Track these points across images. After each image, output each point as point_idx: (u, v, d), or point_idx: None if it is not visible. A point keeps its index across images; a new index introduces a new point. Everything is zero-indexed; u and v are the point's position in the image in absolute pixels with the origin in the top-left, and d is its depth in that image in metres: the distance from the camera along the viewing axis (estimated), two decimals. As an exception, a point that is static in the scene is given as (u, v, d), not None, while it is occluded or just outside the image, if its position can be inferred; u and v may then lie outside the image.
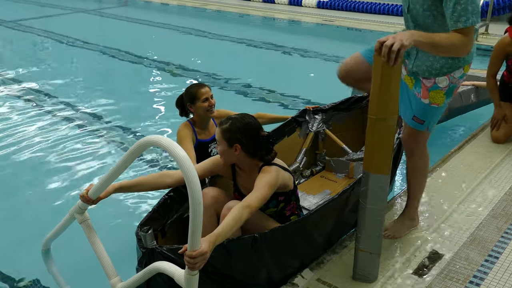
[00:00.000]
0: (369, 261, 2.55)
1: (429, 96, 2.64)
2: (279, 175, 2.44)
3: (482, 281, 2.61)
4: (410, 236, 3.01)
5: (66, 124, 5.30)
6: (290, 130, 3.67)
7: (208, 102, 3.24)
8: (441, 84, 2.60)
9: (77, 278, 2.87)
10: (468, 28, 2.28)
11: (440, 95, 2.63)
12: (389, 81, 2.22)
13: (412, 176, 2.95)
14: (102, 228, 2.77)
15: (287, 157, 3.49)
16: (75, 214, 2.53)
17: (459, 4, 2.25)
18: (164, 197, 2.60)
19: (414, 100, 2.72)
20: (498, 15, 10.55)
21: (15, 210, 3.65)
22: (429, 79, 2.61)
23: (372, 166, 2.37)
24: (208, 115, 3.28)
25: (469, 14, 2.26)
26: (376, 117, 2.28)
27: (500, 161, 4.03)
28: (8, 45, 9.65)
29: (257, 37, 10.00)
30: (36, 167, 4.29)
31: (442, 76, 2.58)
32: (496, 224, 3.14)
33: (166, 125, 5.38)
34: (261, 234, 2.33)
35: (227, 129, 2.43)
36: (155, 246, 2.17)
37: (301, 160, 3.72)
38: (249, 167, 2.53)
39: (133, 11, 14.11)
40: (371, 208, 2.42)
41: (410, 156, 2.87)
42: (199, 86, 3.29)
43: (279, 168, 2.48)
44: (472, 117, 5.19)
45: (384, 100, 2.25)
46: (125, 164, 2.13)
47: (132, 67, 8.00)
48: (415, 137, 2.79)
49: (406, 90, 2.75)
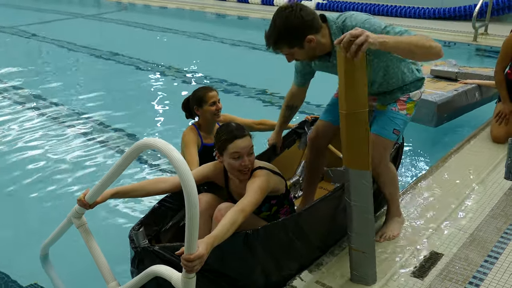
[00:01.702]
0: (363, 261, 2.54)
1: (406, 108, 2.84)
2: (270, 179, 2.46)
3: (481, 282, 2.60)
4: (409, 237, 3.00)
5: (65, 128, 5.30)
6: (290, 142, 3.67)
7: (215, 106, 3.23)
8: (414, 98, 2.87)
9: (75, 283, 2.87)
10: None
11: (412, 105, 2.87)
12: (352, 75, 2.23)
13: (385, 184, 2.98)
14: (100, 232, 2.76)
15: (287, 170, 3.49)
16: (72, 218, 2.52)
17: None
18: (157, 204, 2.60)
19: (392, 114, 2.82)
20: (497, 15, 10.55)
21: (13, 215, 3.64)
22: (404, 95, 2.84)
23: (351, 162, 2.39)
24: (214, 119, 3.28)
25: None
26: (346, 112, 2.29)
27: (500, 160, 4.02)
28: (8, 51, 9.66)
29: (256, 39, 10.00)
30: (35, 172, 4.28)
31: (415, 91, 2.85)
32: (495, 225, 3.13)
33: (167, 129, 5.38)
34: (253, 231, 2.33)
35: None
36: (147, 245, 2.17)
37: (301, 173, 3.71)
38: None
39: (132, 16, 14.12)
40: (356, 205, 2.43)
41: (379, 165, 2.86)
42: (206, 89, 3.28)
43: (270, 172, 2.50)
44: (472, 117, 5.19)
45: (351, 94, 2.26)
46: (121, 167, 2.12)
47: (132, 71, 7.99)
48: (387, 148, 2.87)
49: (384, 112, 2.87)
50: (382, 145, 2.82)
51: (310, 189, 3.26)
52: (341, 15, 2.62)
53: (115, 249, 2.84)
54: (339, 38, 2.18)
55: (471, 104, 5.06)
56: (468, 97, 4.98)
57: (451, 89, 4.91)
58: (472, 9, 10.46)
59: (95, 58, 8.84)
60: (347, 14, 2.60)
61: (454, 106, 4.83)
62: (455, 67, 5.44)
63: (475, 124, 4.97)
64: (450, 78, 5.27)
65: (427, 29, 10.10)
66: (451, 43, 9.29)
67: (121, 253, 2.66)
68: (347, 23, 2.54)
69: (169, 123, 5.50)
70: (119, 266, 2.49)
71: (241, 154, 2.40)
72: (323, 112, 3.16)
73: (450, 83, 5.16)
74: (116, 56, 8.80)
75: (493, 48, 8.31)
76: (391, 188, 3.01)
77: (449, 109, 4.78)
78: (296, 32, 2.46)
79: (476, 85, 5.07)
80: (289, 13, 2.43)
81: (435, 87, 4.98)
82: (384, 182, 2.96)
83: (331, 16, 2.60)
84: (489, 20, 9.50)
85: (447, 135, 4.97)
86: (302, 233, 2.62)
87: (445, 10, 11.26)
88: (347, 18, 2.57)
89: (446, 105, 4.71)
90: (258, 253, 2.41)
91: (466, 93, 4.94)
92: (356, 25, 2.48)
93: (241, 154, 2.40)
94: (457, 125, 5.07)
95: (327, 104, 3.18)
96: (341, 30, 2.55)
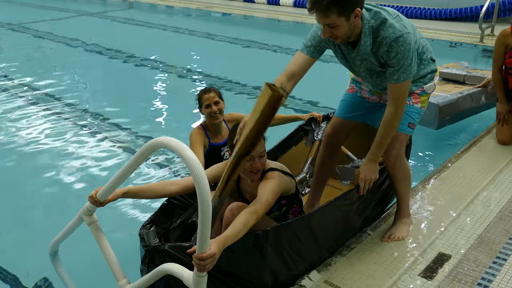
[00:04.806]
0: None
1: (420, 101, 2.86)
2: (282, 181, 2.47)
3: (490, 283, 2.60)
4: (417, 238, 3.01)
5: (74, 126, 5.32)
6: (298, 139, 3.68)
7: (210, 108, 3.21)
8: (429, 90, 2.90)
9: (85, 280, 2.88)
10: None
11: (426, 98, 2.90)
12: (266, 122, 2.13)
13: (399, 181, 2.99)
14: (111, 230, 2.78)
15: (294, 167, 3.49)
16: (83, 216, 2.53)
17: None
18: (166, 202, 2.62)
19: (407, 108, 2.79)
20: (504, 16, 10.52)
21: (23, 212, 3.66)
22: (418, 88, 2.85)
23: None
24: (212, 121, 3.26)
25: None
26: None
27: (506, 163, 4.02)
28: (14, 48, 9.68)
29: (262, 38, 10.01)
30: (44, 170, 4.30)
31: (429, 83, 2.88)
32: (503, 226, 3.12)
33: (174, 128, 5.39)
34: (263, 232, 2.34)
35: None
36: (158, 244, 2.18)
37: (308, 170, 3.71)
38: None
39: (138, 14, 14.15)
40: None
41: (395, 160, 2.88)
42: (204, 91, 3.27)
43: (281, 174, 2.50)
44: (478, 119, 5.18)
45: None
46: (134, 165, 2.13)
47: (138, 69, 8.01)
48: (403, 142, 2.89)
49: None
50: (399, 140, 2.82)
51: (318, 187, 3.24)
52: (376, 13, 2.54)
53: (125, 247, 2.86)
54: (361, 188, 2.83)
55: (476, 107, 5.01)
56: (473, 100, 4.94)
57: (456, 92, 4.89)
58: (478, 10, 10.46)
59: (100, 55, 8.86)
60: (382, 16, 2.53)
61: (457, 109, 4.79)
62: (464, 69, 5.42)
63: (480, 126, 4.97)
64: (458, 80, 5.26)
65: (433, 30, 10.09)
66: (457, 44, 9.28)
67: (131, 251, 2.68)
68: (380, 32, 2.52)
69: (177, 121, 5.51)
70: (129, 264, 2.50)
71: (252, 156, 2.38)
72: (338, 108, 3.14)
73: (457, 85, 5.13)
74: (121, 54, 8.82)
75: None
76: (405, 185, 3.02)
77: (451, 112, 4.75)
78: (351, 0, 2.41)
79: (483, 89, 5.03)
80: None
81: (442, 89, 4.96)
82: (399, 178, 2.96)
83: (366, 12, 2.53)
84: (495, 21, 9.49)
85: (453, 137, 4.96)
86: (312, 235, 2.63)
87: (452, 11, 11.24)
88: (381, 25, 2.52)
89: (449, 107, 4.68)
90: (268, 254, 2.41)
91: (471, 96, 4.90)
92: (386, 44, 2.51)
93: (252, 156, 2.39)
94: (462, 127, 5.06)
95: (341, 100, 3.15)
96: (373, 32, 2.54)
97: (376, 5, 2.62)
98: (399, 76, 2.56)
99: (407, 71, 2.56)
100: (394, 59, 2.53)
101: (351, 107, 3.08)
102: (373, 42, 2.56)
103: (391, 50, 2.51)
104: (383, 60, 2.60)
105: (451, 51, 8.92)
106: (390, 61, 2.55)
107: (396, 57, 2.52)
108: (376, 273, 2.70)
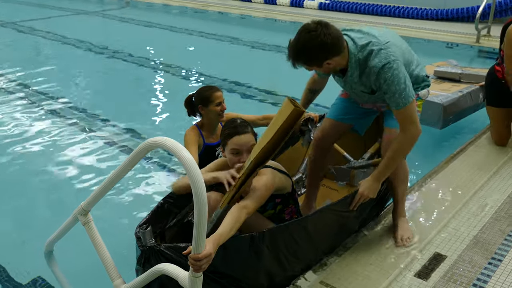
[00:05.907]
0: None
1: (416, 105, 2.85)
2: (275, 177, 2.46)
3: (485, 284, 2.60)
4: (413, 239, 3.01)
5: (70, 126, 5.30)
6: (294, 139, 3.67)
7: (221, 106, 3.24)
8: (424, 97, 2.98)
9: (80, 280, 2.87)
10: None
11: (421, 104, 2.96)
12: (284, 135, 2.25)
13: (398, 181, 3.01)
14: (106, 229, 2.77)
15: (291, 167, 3.48)
16: (78, 216, 2.52)
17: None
18: (161, 201, 2.61)
19: None
20: (500, 17, 10.55)
21: (18, 211, 3.64)
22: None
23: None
24: (218, 119, 3.28)
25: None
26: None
27: (503, 163, 4.03)
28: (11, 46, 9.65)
29: (259, 38, 10.01)
30: (39, 169, 4.28)
31: (424, 90, 2.94)
32: (499, 227, 3.13)
33: (169, 127, 5.36)
34: (259, 233, 2.34)
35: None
36: (154, 244, 2.17)
37: (304, 170, 3.71)
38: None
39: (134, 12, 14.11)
40: None
41: None
42: (213, 89, 3.27)
43: (274, 170, 2.49)
44: (475, 119, 5.19)
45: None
46: (130, 165, 2.13)
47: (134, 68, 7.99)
48: None
49: None
50: None
51: (312, 187, 3.26)
52: (363, 47, 2.59)
53: (120, 246, 2.85)
54: (355, 202, 2.78)
55: (475, 105, 5.06)
56: (473, 98, 4.97)
57: (455, 90, 4.91)
58: (475, 11, 10.49)
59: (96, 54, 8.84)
60: (368, 49, 2.58)
61: (460, 108, 4.82)
62: (457, 67, 5.44)
63: (476, 126, 4.98)
64: (454, 79, 5.27)
65: (429, 31, 10.11)
66: (453, 45, 9.30)
67: (126, 251, 2.67)
68: (367, 63, 2.59)
69: (173, 121, 5.49)
70: (124, 263, 2.49)
71: (240, 150, 2.38)
72: (330, 110, 3.17)
73: (454, 84, 5.15)
74: (117, 53, 8.80)
75: (495, 50, 8.29)
76: (404, 185, 3.05)
77: (455, 111, 4.77)
78: (316, 56, 2.51)
79: (480, 86, 5.05)
80: (313, 35, 2.44)
81: (440, 88, 4.98)
82: (398, 178, 2.98)
83: (353, 46, 2.60)
84: (492, 22, 9.51)
85: (450, 137, 4.97)
86: (309, 238, 2.63)
87: (448, 12, 11.27)
88: (368, 56, 2.58)
89: (452, 106, 4.70)
90: (264, 256, 2.40)
91: (471, 94, 4.94)
92: (374, 73, 2.58)
93: (240, 151, 2.39)
94: (459, 127, 5.08)
95: (333, 104, 3.19)
96: (360, 65, 2.62)
97: (367, 30, 2.68)
98: (398, 103, 2.59)
99: (404, 96, 2.57)
100: (385, 85, 2.58)
101: (343, 110, 3.11)
102: (362, 73, 2.65)
103: (379, 77, 2.58)
104: (376, 88, 2.67)
105: (447, 51, 8.94)
106: (382, 88, 2.61)
107: (386, 83, 2.57)
108: (372, 274, 2.70)
